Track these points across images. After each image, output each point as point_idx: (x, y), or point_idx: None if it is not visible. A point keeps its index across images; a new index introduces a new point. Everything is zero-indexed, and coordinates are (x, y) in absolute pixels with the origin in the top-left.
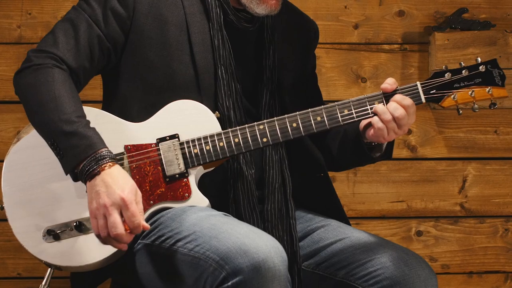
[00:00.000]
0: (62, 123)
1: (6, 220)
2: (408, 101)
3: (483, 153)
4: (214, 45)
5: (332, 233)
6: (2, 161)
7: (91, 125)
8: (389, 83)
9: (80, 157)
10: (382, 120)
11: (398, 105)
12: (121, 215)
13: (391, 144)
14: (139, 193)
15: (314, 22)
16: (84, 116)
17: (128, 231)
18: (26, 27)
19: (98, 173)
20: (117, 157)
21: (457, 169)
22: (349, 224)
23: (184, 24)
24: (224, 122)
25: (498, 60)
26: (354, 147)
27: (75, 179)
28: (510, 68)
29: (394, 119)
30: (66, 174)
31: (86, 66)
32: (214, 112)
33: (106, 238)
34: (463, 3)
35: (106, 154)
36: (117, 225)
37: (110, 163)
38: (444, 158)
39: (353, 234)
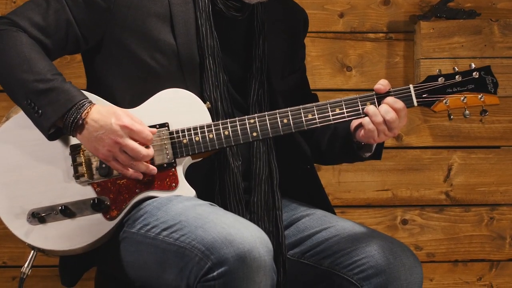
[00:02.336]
0: (38, 82)
1: None
2: (399, 104)
3: (468, 141)
4: (201, 35)
5: (317, 222)
6: None
7: None
8: (382, 84)
9: (60, 111)
10: (373, 122)
11: (390, 108)
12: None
13: (381, 145)
14: (129, 112)
15: (304, 10)
16: (59, 73)
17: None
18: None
19: (84, 120)
20: None
21: (442, 157)
22: (334, 214)
23: (167, 14)
24: (212, 113)
25: (483, 49)
26: (344, 145)
27: (52, 136)
28: (496, 57)
29: (385, 121)
30: (45, 131)
31: (46, 44)
32: (205, 103)
33: (137, 169)
34: None
35: (84, 100)
36: (138, 148)
37: (90, 106)
38: (429, 147)
39: (338, 223)
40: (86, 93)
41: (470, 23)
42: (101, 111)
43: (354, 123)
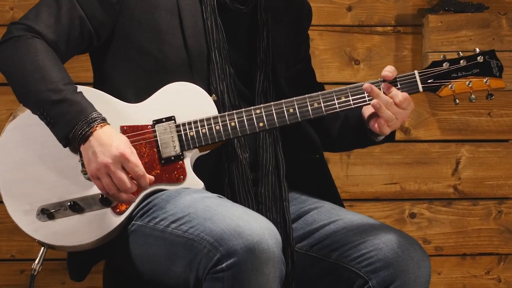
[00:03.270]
0: (50, 92)
1: None
2: (406, 98)
3: (476, 135)
4: (207, 28)
5: (326, 214)
6: None
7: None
8: (389, 71)
9: (72, 123)
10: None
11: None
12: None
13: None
14: (133, 149)
15: (307, 2)
16: (71, 82)
17: (134, 183)
18: (19, 8)
19: (91, 134)
20: None
21: (451, 151)
22: (343, 206)
23: (175, 7)
24: (218, 105)
25: (491, 42)
26: (356, 132)
27: (66, 144)
28: (504, 50)
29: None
30: (60, 141)
31: (63, 45)
32: (211, 95)
33: (115, 195)
34: None
35: (97, 116)
36: (124, 179)
37: (101, 124)
38: (437, 140)
39: (347, 216)
40: (91, 89)
41: (478, 17)
42: (108, 132)
43: (367, 112)
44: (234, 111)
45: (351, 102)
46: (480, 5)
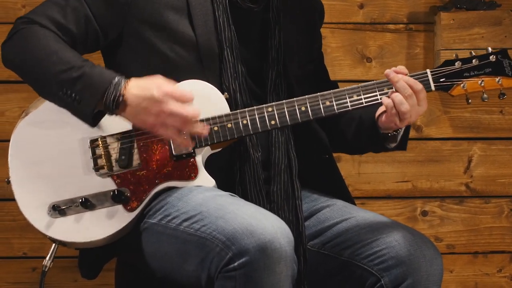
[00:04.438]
0: (70, 70)
1: (12, 199)
2: (418, 85)
3: (488, 133)
4: (218, 27)
5: (338, 212)
6: (8, 141)
7: None
8: (399, 69)
9: (99, 92)
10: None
11: (406, 85)
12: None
13: (406, 136)
14: (163, 78)
15: (320, 0)
16: (86, 59)
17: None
18: (31, 6)
19: (123, 95)
20: (125, 135)
21: (463, 149)
22: (355, 204)
23: (185, 6)
24: (231, 104)
25: (503, 40)
26: (369, 135)
27: (95, 121)
28: None
29: (406, 98)
30: (89, 117)
31: (67, 42)
32: (223, 93)
33: (188, 131)
34: None
35: (120, 78)
36: (184, 111)
37: (126, 82)
38: (449, 138)
39: (359, 214)
40: None
41: (490, 14)
42: (138, 84)
43: (378, 111)
44: (246, 109)
45: (363, 101)
46: (492, 2)
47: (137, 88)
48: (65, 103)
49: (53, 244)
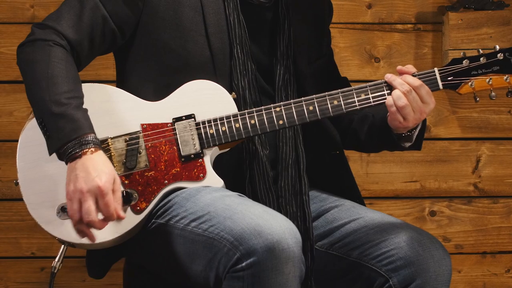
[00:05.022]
0: (52, 103)
1: (19, 199)
2: (418, 81)
3: (496, 133)
4: (229, 25)
5: (346, 213)
6: (16, 141)
7: (97, 104)
8: (406, 67)
9: (63, 140)
10: (396, 105)
11: (403, 82)
12: (97, 203)
13: (421, 136)
14: (118, 181)
15: None
16: (77, 97)
17: (102, 218)
18: (39, 6)
19: (80, 156)
20: (133, 136)
21: (471, 149)
22: (364, 204)
23: (198, 4)
24: (239, 102)
25: (511, 40)
26: (382, 134)
27: (59, 158)
28: None
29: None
30: (50, 155)
31: (86, 45)
32: (230, 93)
33: (77, 223)
34: None
35: (91, 140)
36: (91, 212)
37: (93, 149)
38: (457, 138)
39: (367, 214)
40: (112, 87)
41: (498, 14)
42: (97, 161)
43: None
44: (254, 109)
45: (371, 100)
46: (501, 2)
47: (92, 160)
48: (40, 129)
49: (62, 246)
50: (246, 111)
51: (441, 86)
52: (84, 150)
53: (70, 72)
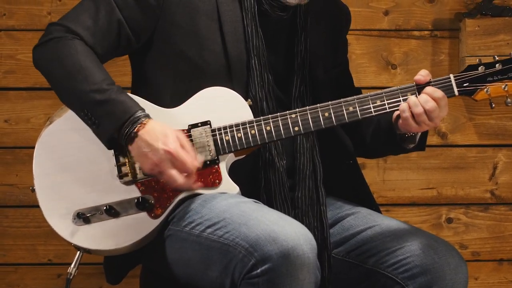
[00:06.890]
0: (94, 93)
1: (36, 206)
2: (439, 93)
3: None
4: (247, 35)
5: (362, 220)
6: (33, 147)
7: None
8: (422, 75)
9: (118, 123)
10: (413, 113)
11: (429, 98)
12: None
13: (424, 136)
14: (180, 135)
15: (346, 6)
16: (113, 82)
17: (186, 175)
18: (57, 13)
19: (136, 135)
20: None
21: (488, 156)
22: (379, 212)
23: (215, 13)
24: (257, 113)
25: None
26: (387, 137)
27: (111, 145)
28: None
29: (425, 111)
30: (104, 142)
31: (100, 48)
32: (246, 100)
33: (180, 185)
34: None
35: (140, 115)
36: (174, 177)
37: (144, 122)
38: (474, 145)
39: (383, 222)
40: (130, 95)
41: None
42: (153, 129)
43: (395, 114)
44: (270, 116)
45: (387, 106)
46: None
47: (149, 132)
48: (84, 121)
49: (78, 252)
50: (261, 117)
51: (456, 93)
52: (138, 127)
53: (98, 61)
